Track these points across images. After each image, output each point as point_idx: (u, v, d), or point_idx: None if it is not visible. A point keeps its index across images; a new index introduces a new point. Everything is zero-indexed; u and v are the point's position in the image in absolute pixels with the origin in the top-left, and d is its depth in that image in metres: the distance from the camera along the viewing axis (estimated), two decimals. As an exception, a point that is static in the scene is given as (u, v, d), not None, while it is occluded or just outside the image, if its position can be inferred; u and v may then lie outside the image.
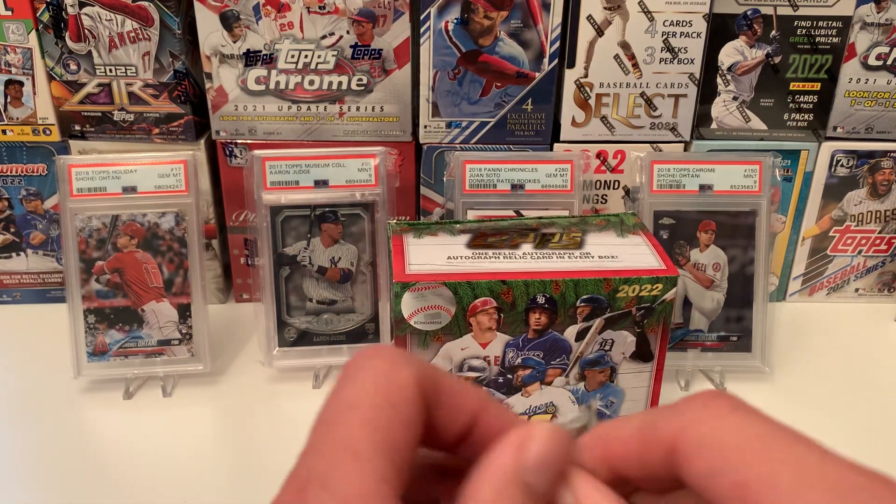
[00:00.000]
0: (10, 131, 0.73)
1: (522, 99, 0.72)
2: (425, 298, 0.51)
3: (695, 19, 0.69)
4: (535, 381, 0.55)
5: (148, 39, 0.69)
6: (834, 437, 0.62)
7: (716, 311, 0.69)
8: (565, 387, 0.56)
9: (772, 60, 0.72)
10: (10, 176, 0.74)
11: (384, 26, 0.69)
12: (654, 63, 0.70)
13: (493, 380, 0.55)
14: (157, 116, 0.72)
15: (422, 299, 0.51)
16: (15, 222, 0.77)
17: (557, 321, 0.52)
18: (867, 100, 0.74)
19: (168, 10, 0.68)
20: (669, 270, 0.51)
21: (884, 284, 0.82)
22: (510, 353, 0.54)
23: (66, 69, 0.70)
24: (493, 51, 0.70)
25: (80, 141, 0.73)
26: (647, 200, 0.68)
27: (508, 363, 0.54)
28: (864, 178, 0.76)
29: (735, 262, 0.69)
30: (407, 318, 0.51)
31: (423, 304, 0.51)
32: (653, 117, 0.73)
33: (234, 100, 0.71)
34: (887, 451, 0.62)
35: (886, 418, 0.65)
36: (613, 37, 0.69)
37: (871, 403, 0.67)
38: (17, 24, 0.69)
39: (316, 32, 0.69)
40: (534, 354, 0.54)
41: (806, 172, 0.76)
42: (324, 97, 0.72)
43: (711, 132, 0.75)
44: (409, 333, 0.52)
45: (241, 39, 0.69)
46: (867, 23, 0.71)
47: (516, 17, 0.68)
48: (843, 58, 0.72)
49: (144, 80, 0.71)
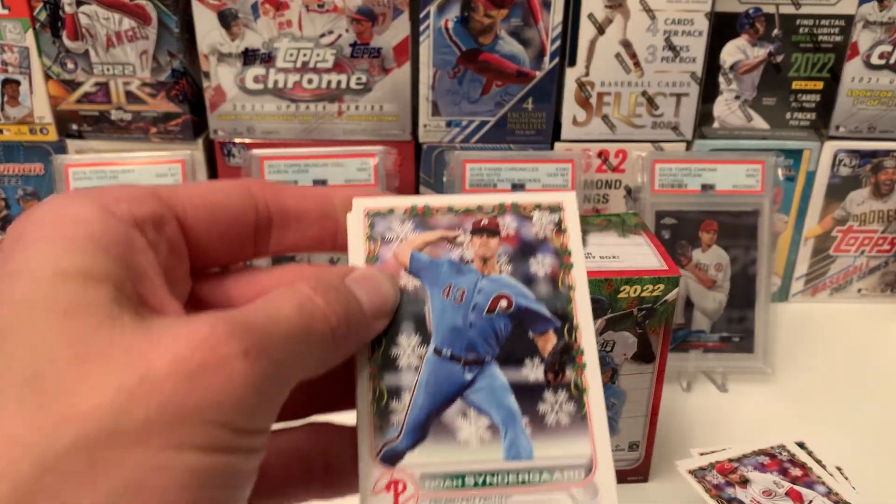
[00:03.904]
0: (7, 131, 0.72)
1: (523, 98, 0.71)
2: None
3: (696, 18, 0.68)
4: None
5: (146, 38, 0.69)
6: (836, 438, 0.62)
7: (718, 312, 0.69)
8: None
9: (774, 59, 0.71)
10: (7, 176, 0.74)
11: (383, 24, 0.68)
12: (656, 62, 0.70)
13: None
14: (154, 116, 0.72)
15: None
16: (12, 222, 0.76)
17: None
18: (870, 99, 0.73)
19: (166, 8, 0.67)
20: (671, 271, 0.51)
21: (886, 285, 0.82)
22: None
23: (64, 68, 0.70)
24: (494, 49, 0.69)
25: (78, 140, 0.73)
26: (648, 200, 0.67)
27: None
28: (866, 178, 0.76)
29: (737, 262, 0.68)
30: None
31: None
32: (654, 116, 0.72)
33: (233, 99, 0.71)
34: (890, 452, 0.61)
35: (889, 419, 0.65)
36: (615, 35, 0.69)
37: (874, 404, 0.67)
38: (14, 22, 0.68)
39: (315, 31, 0.68)
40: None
41: (808, 172, 0.75)
42: (323, 96, 0.71)
43: (713, 131, 0.74)
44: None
45: (239, 38, 0.69)
46: (870, 21, 0.70)
47: (517, 15, 0.68)
48: (846, 57, 0.72)
49: (142, 79, 0.70)
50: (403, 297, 0.25)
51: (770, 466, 0.54)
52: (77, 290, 0.19)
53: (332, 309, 0.22)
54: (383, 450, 0.24)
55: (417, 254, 0.26)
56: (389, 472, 0.24)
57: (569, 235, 0.26)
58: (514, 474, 0.24)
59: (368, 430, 0.24)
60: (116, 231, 0.20)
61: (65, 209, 0.20)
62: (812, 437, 0.57)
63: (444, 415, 0.24)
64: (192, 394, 0.18)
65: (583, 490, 0.24)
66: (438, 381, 0.25)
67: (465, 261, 0.26)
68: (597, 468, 0.24)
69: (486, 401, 0.25)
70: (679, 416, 0.64)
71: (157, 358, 0.18)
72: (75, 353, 0.18)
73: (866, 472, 0.55)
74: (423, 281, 0.25)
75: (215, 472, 0.18)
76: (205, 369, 0.18)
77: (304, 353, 0.21)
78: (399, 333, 0.25)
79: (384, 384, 0.24)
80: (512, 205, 0.27)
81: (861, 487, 0.53)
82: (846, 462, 0.55)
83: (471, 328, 0.25)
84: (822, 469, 0.54)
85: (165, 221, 0.22)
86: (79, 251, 0.19)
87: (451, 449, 0.24)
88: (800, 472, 0.54)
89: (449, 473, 0.24)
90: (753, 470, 0.54)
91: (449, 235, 0.26)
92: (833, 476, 0.53)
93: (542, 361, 0.25)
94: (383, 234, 0.26)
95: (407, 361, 0.25)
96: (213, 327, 0.19)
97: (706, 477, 0.53)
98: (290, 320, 0.21)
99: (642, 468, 0.58)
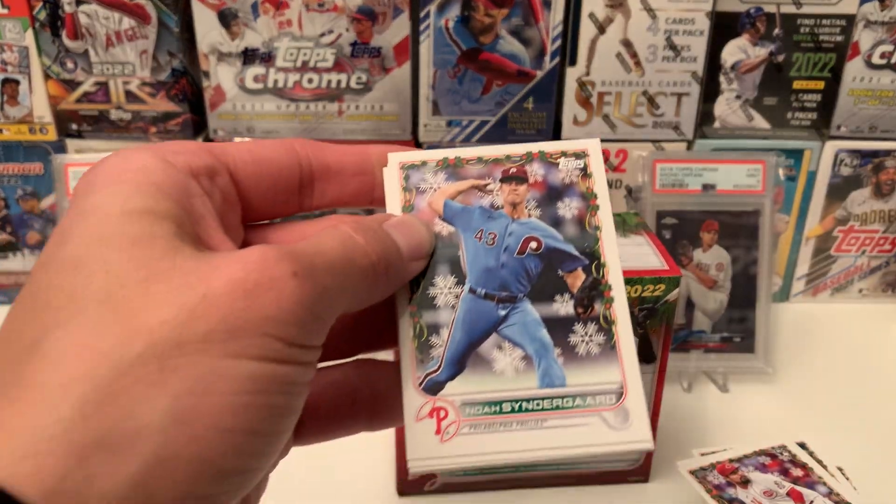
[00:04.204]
0: (7, 130, 0.72)
1: (523, 97, 0.71)
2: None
3: (697, 17, 0.68)
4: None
5: (145, 38, 0.69)
6: (837, 438, 0.62)
7: (719, 312, 0.69)
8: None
9: (775, 59, 0.71)
10: (7, 175, 0.74)
11: (384, 24, 0.68)
12: (657, 61, 0.70)
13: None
14: (154, 115, 0.72)
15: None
16: (11, 222, 0.76)
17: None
18: (871, 98, 0.73)
19: (166, 8, 0.67)
20: (672, 271, 0.51)
21: (887, 285, 0.81)
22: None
23: (63, 67, 0.70)
24: (494, 49, 0.69)
25: (77, 140, 0.73)
26: (649, 200, 0.67)
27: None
28: (867, 178, 0.76)
29: (738, 262, 0.68)
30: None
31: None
32: (655, 116, 0.72)
33: (232, 98, 0.71)
34: (891, 453, 0.61)
35: (890, 419, 0.65)
36: (615, 35, 0.69)
37: (875, 404, 0.67)
38: (14, 22, 0.68)
39: (315, 30, 0.68)
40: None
41: (809, 172, 0.75)
42: (322, 96, 0.71)
43: (714, 131, 0.74)
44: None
45: (239, 38, 0.69)
46: (871, 21, 0.70)
47: (517, 14, 0.68)
48: (847, 56, 0.72)
49: (142, 78, 0.70)
50: (438, 242, 0.27)
51: (771, 467, 0.54)
52: (143, 226, 0.21)
53: (371, 247, 0.24)
54: (425, 380, 0.26)
55: (450, 202, 0.28)
56: (432, 401, 0.25)
57: (594, 179, 0.28)
58: (549, 400, 0.26)
59: (411, 363, 0.26)
60: (175, 178, 0.23)
61: (129, 160, 0.23)
62: (813, 437, 0.57)
63: (481, 348, 0.26)
64: (249, 309, 0.20)
65: (614, 414, 0.25)
66: (474, 318, 0.26)
67: (495, 207, 0.28)
68: (627, 394, 0.26)
69: (520, 334, 0.26)
70: (680, 417, 0.64)
71: (215, 279, 0.20)
72: (142, 277, 0.20)
73: (867, 472, 0.55)
74: (456, 227, 0.27)
75: (272, 380, 0.20)
76: (258, 287, 0.20)
77: (346, 283, 0.23)
78: (436, 275, 0.27)
79: (424, 321, 0.26)
80: (539, 153, 0.28)
81: (862, 488, 0.52)
82: (847, 462, 0.55)
83: (503, 268, 0.27)
84: (823, 469, 0.54)
85: (218, 172, 0.24)
86: (143, 194, 0.22)
87: (489, 378, 0.26)
88: (801, 473, 0.54)
89: (487, 400, 0.25)
90: (754, 470, 0.54)
91: (479, 184, 0.28)
92: (834, 476, 0.53)
93: (571, 297, 0.27)
94: (418, 185, 0.28)
95: (444, 300, 0.26)
96: (265, 253, 0.21)
97: (707, 477, 0.53)
98: (333, 251, 0.23)
99: (643, 468, 0.58)
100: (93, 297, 0.20)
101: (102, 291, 0.20)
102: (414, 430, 0.25)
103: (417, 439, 0.25)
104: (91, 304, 0.19)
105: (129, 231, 0.21)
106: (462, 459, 0.25)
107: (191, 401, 0.19)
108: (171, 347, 0.19)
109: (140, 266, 0.20)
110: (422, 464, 0.25)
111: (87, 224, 0.21)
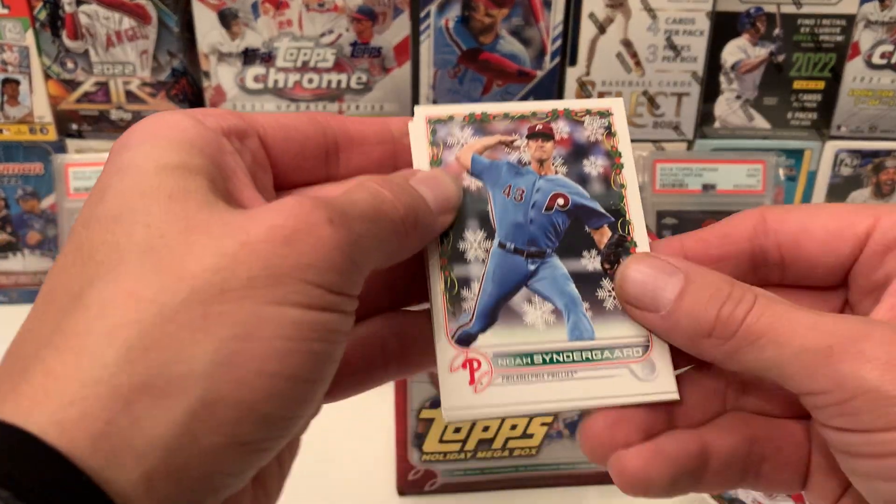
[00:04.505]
0: (7, 130, 0.72)
1: (524, 97, 0.71)
2: None
3: (698, 17, 0.68)
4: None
5: (146, 38, 0.69)
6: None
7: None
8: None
9: (775, 59, 0.71)
10: (7, 175, 0.74)
11: (384, 24, 0.68)
12: (657, 61, 0.70)
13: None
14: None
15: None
16: (11, 222, 0.76)
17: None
18: (871, 98, 0.73)
19: (166, 8, 0.67)
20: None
21: (888, 285, 0.81)
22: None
23: (63, 67, 0.70)
24: (494, 49, 0.69)
25: (78, 140, 0.73)
26: (649, 200, 0.67)
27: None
28: (868, 178, 0.76)
29: (738, 262, 0.68)
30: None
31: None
32: (655, 116, 0.72)
33: (233, 98, 0.71)
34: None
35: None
36: (616, 35, 0.69)
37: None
38: (14, 22, 0.68)
39: (315, 30, 0.68)
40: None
41: (809, 172, 0.75)
42: (323, 96, 0.71)
43: (714, 131, 0.74)
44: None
45: (239, 38, 0.69)
46: (871, 21, 0.70)
47: (517, 14, 0.68)
48: (847, 56, 0.72)
49: (142, 78, 0.70)
50: (467, 197, 0.27)
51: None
52: (178, 180, 0.21)
53: (399, 201, 0.24)
54: (458, 332, 0.26)
55: (478, 157, 0.28)
56: (464, 352, 0.26)
57: (618, 138, 0.29)
58: (579, 352, 0.26)
59: (443, 316, 0.26)
60: (207, 136, 0.23)
61: (162, 120, 0.23)
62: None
63: (511, 301, 0.27)
64: (289, 256, 0.20)
65: (641, 366, 0.26)
66: (504, 272, 0.27)
67: (522, 163, 0.28)
68: (653, 347, 0.26)
69: (549, 288, 0.27)
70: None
71: (254, 227, 0.20)
72: (181, 228, 0.20)
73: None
74: (484, 182, 0.28)
75: (313, 327, 0.20)
76: (297, 233, 0.20)
77: (377, 233, 0.23)
78: (465, 229, 0.27)
79: (454, 275, 0.27)
80: (564, 111, 0.29)
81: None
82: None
83: (531, 224, 0.27)
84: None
85: (248, 135, 0.25)
86: (176, 150, 0.22)
87: (520, 331, 0.26)
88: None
89: (519, 352, 0.26)
90: (755, 470, 0.54)
91: (507, 139, 0.28)
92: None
93: (598, 253, 0.27)
94: (445, 140, 0.28)
95: (474, 254, 0.27)
96: (300, 201, 0.21)
97: (707, 477, 0.53)
98: (365, 202, 0.23)
99: (643, 468, 0.58)
100: (134, 248, 0.20)
101: (143, 243, 0.20)
102: (448, 381, 0.25)
103: (451, 390, 0.25)
104: (133, 255, 0.20)
105: (164, 185, 0.21)
106: (496, 409, 0.25)
107: (235, 346, 0.19)
108: (215, 294, 0.19)
109: (177, 218, 0.20)
110: (457, 413, 0.25)
111: (123, 180, 0.22)
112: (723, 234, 0.27)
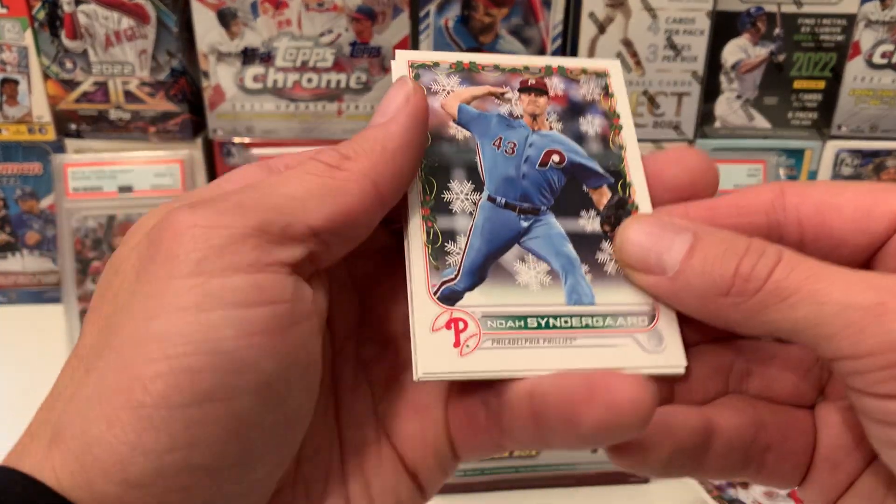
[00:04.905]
0: (6, 130, 0.72)
1: (523, 97, 0.71)
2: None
3: (698, 17, 0.68)
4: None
5: (145, 37, 0.68)
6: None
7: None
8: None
9: (775, 58, 0.71)
10: (6, 175, 0.74)
11: (383, 24, 0.68)
12: (657, 61, 0.70)
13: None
14: (153, 115, 0.71)
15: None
16: (10, 222, 0.76)
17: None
18: (872, 98, 0.73)
19: (165, 7, 0.67)
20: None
21: (888, 285, 0.81)
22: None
23: (62, 67, 0.70)
24: (494, 48, 0.69)
25: (76, 140, 0.72)
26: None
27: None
28: (868, 178, 0.76)
29: (739, 262, 0.68)
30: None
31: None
32: (655, 116, 0.72)
33: (232, 98, 0.71)
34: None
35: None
36: (616, 34, 0.69)
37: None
38: (13, 22, 0.68)
39: (314, 30, 0.68)
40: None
41: (810, 172, 0.75)
42: (322, 95, 0.71)
43: (715, 131, 0.74)
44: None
45: (238, 37, 0.68)
46: (872, 21, 0.70)
47: (517, 14, 0.68)
48: (848, 56, 0.71)
49: (141, 78, 0.70)
50: (453, 146, 0.25)
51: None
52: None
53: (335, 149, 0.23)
54: (441, 288, 0.24)
55: (465, 106, 0.26)
56: (449, 311, 0.23)
57: (616, 99, 0.27)
58: (578, 318, 0.24)
59: (423, 269, 0.24)
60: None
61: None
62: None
63: (502, 259, 0.25)
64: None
65: (647, 336, 0.24)
66: (494, 227, 0.25)
67: (514, 116, 0.26)
68: (659, 317, 0.24)
69: (544, 247, 0.25)
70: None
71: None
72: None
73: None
74: (472, 132, 0.26)
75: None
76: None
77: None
78: (451, 179, 0.25)
79: (438, 226, 0.24)
80: (559, 67, 0.27)
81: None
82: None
83: (524, 179, 0.26)
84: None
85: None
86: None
87: (512, 291, 0.24)
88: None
89: (511, 314, 0.24)
90: (755, 471, 0.53)
91: (497, 91, 0.26)
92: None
93: (597, 214, 0.26)
94: (429, 86, 0.26)
95: (461, 206, 0.25)
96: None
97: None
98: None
99: (644, 469, 0.58)
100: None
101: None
102: (427, 342, 0.23)
103: (431, 351, 0.23)
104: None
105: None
106: (483, 374, 0.23)
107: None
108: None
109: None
110: (435, 375, 0.22)
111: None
112: (735, 205, 0.24)
